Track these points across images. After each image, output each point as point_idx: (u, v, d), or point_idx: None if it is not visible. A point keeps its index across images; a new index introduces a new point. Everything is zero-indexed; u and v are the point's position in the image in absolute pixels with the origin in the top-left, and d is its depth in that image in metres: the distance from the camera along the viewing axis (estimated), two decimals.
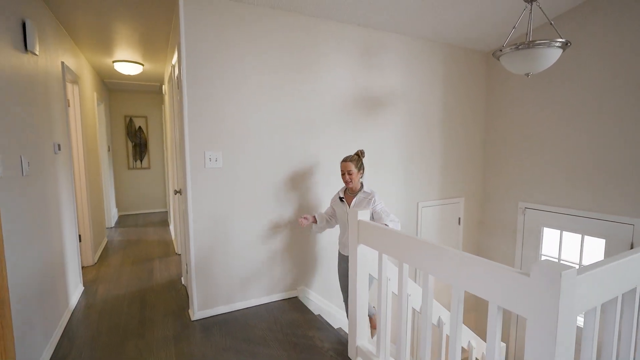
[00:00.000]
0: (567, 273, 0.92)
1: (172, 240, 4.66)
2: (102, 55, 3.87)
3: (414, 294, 1.92)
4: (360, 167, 2.32)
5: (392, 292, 1.82)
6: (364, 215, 1.84)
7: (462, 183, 3.79)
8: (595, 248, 3.00)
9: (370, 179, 3.08)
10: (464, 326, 2.28)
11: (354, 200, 2.32)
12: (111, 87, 5.90)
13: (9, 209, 1.63)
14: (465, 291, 1.25)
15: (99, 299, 2.85)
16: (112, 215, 5.66)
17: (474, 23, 3.06)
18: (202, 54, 2.34)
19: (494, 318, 1.14)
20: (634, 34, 2.72)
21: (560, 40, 2.22)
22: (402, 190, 3.37)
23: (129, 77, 4.95)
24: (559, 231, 3.20)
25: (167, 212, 6.55)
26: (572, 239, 3.13)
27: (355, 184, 2.32)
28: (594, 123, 2.96)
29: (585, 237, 3.01)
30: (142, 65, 4.20)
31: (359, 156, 2.34)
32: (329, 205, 2.62)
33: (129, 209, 6.56)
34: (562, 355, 0.95)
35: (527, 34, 2.48)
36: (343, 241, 2.43)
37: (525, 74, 2.41)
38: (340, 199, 2.40)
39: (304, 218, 2.42)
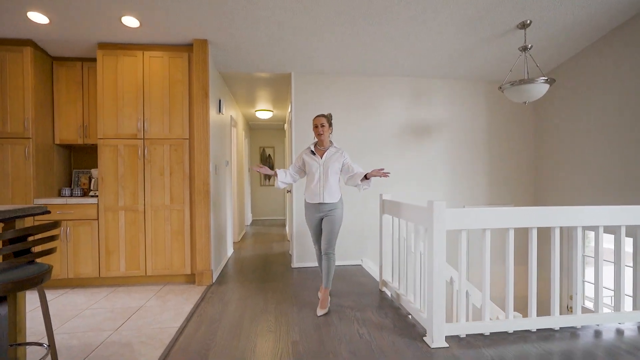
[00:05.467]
0: (437, 204, 2.02)
1: (285, 234, 6.44)
2: (249, 107, 6.03)
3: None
4: (331, 125, 2.68)
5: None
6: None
7: (511, 192, 4.43)
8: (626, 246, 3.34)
9: (417, 185, 4.16)
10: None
11: (326, 153, 2.69)
12: (252, 126, 8.35)
13: (212, 190, 3.44)
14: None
15: (242, 256, 4.66)
16: (248, 217, 7.89)
17: (499, 64, 3.92)
18: (302, 105, 3.97)
19: (421, 232, 2.25)
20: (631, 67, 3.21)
21: (543, 78, 3.07)
22: (448, 194, 4.30)
23: (263, 119, 7.15)
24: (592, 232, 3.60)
25: (284, 218, 8.55)
26: (606, 238, 3.52)
27: (325, 138, 2.67)
28: (631, 140, 3.42)
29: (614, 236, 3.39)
30: (272, 111, 6.24)
31: (328, 117, 2.70)
32: (295, 165, 2.82)
33: (259, 215, 8.82)
34: (437, 247, 2.02)
35: (526, 74, 3.34)
36: (312, 188, 2.69)
37: (522, 102, 3.27)
38: (312, 152, 2.73)
39: (259, 166, 2.62)
